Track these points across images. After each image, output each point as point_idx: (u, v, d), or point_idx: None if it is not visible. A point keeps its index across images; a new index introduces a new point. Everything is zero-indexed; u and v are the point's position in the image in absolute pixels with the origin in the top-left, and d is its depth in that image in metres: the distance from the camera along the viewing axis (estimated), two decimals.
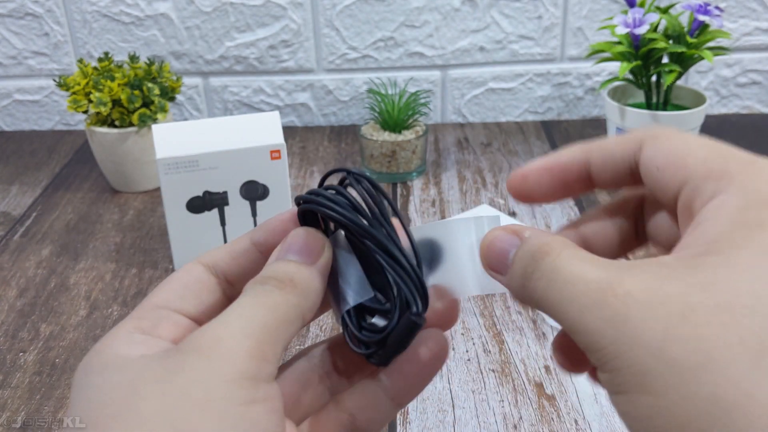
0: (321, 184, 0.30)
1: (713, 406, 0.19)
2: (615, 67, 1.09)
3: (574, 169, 0.29)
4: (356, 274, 0.29)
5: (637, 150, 0.27)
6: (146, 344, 0.25)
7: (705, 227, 0.23)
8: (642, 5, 0.87)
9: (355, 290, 0.29)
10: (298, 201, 0.30)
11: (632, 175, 0.27)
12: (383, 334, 0.27)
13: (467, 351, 0.65)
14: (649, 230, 0.29)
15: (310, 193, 0.29)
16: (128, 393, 0.23)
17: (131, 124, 0.90)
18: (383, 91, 0.96)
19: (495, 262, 0.27)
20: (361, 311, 0.29)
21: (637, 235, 0.30)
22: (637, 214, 0.30)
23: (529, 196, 0.30)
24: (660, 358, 0.21)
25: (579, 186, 0.29)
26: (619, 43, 0.87)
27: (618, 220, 0.30)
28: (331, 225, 0.30)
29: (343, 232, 0.30)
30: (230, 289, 0.30)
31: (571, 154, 0.29)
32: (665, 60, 0.88)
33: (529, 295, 0.25)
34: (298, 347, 0.66)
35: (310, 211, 0.29)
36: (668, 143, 0.26)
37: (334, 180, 0.30)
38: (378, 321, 0.29)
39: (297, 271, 0.28)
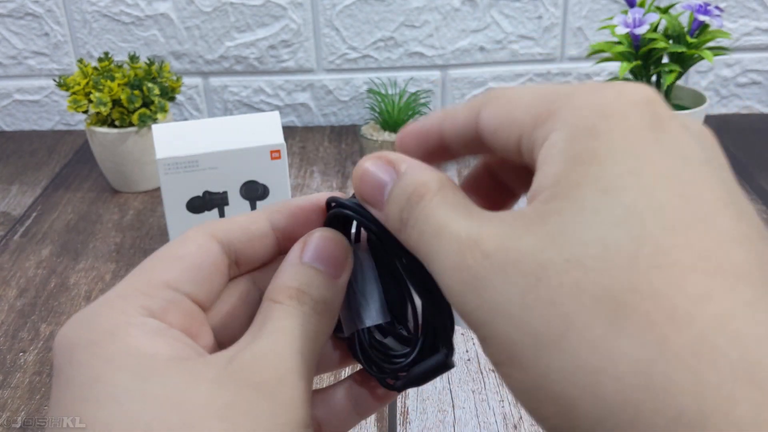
0: (328, 208, 0.28)
1: (579, 377, 0.18)
2: (615, 67, 1.09)
3: (434, 137, 0.26)
4: (377, 292, 0.28)
5: (475, 115, 0.25)
6: (165, 338, 0.23)
7: (544, 169, 0.21)
8: (642, 5, 0.87)
9: (375, 310, 0.28)
10: (331, 203, 0.28)
11: (482, 144, 0.25)
12: (405, 363, 0.27)
13: (467, 351, 0.65)
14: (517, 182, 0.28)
15: (342, 201, 0.27)
16: (178, 422, 0.21)
17: (131, 124, 0.91)
18: (383, 91, 0.96)
19: (370, 196, 0.25)
20: (374, 327, 0.28)
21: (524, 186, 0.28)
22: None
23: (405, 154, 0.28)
24: (522, 329, 0.19)
25: (441, 154, 0.27)
26: (619, 43, 0.87)
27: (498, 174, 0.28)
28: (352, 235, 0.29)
29: (366, 244, 0.28)
30: (235, 270, 0.28)
31: (432, 119, 0.26)
32: (665, 60, 0.88)
33: (405, 240, 0.24)
34: None
35: (337, 218, 0.28)
36: (498, 103, 0.24)
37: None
38: (392, 343, 0.28)
39: (327, 289, 0.26)
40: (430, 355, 0.26)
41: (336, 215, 0.27)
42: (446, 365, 0.26)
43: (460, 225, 0.22)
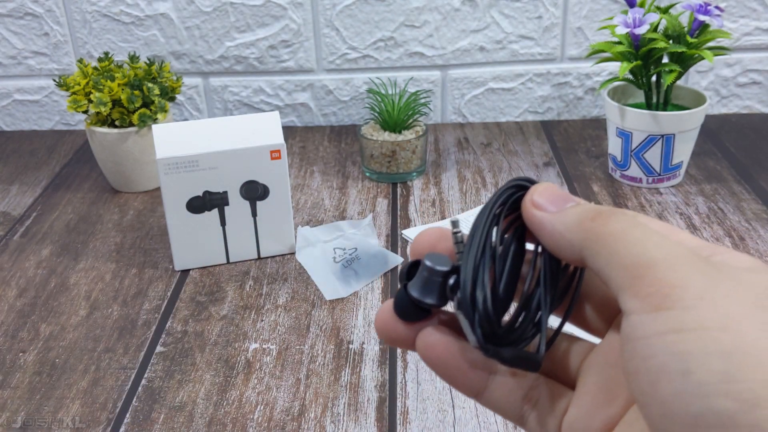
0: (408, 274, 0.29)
1: None
2: (615, 67, 1.09)
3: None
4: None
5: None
6: None
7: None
8: (642, 5, 0.87)
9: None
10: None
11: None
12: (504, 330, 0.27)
13: None
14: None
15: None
16: None
17: (131, 124, 0.90)
18: (383, 91, 0.96)
19: (551, 198, 0.27)
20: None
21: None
22: None
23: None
24: (747, 309, 0.22)
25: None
26: (619, 43, 0.87)
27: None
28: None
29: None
30: None
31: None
32: (665, 60, 0.88)
33: (592, 228, 0.25)
34: (298, 347, 0.66)
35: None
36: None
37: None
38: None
39: None
40: (523, 340, 0.27)
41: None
42: (536, 365, 0.27)
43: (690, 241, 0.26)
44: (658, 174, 0.90)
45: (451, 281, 0.28)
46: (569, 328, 0.29)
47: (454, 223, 0.29)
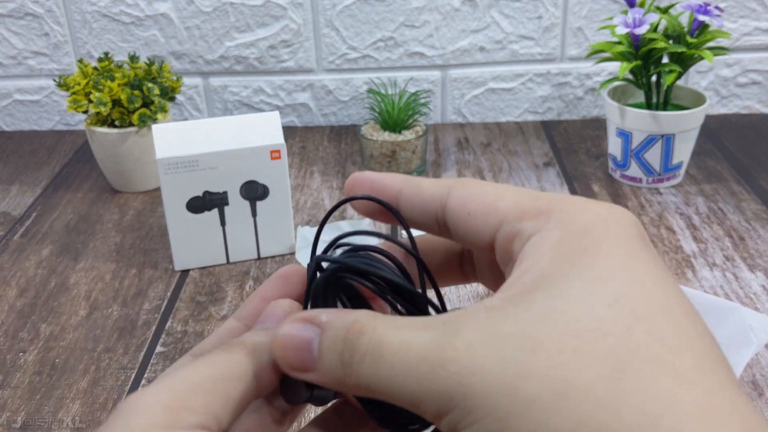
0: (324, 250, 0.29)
1: None
2: (615, 67, 1.09)
3: (387, 194, 0.28)
4: None
5: (444, 195, 0.26)
6: None
7: (528, 264, 0.23)
8: (642, 5, 0.87)
9: None
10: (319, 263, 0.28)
11: (437, 221, 0.27)
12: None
13: None
14: (476, 270, 0.29)
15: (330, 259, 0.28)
16: None
17: (131, 124, 0.91)
18: (383, 91, 0.96)
19: (297, 361, 0.24)
20: None
21: (463, 272, 0.30)
22: (459, 254, 0.30)
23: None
24: (516, 398, 0.20)
25: (385, 214, 0.28)
26: (619, 43, 0.87)
27: (441, 254, 0.30)
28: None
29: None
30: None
31: (392, 179, 0.28)
32: (665, 60, 0.88)
33: (353, 384, 0.23)
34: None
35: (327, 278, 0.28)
36: (476, 189, 0.26)
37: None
38: None
39: (249, 334, 0.27)
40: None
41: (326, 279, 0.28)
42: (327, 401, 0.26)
43: (425, 334, 0.22)
44: (658, 174, 0.90)
45: None
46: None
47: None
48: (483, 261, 0.29)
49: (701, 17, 0.84)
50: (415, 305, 0.26)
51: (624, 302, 0.21)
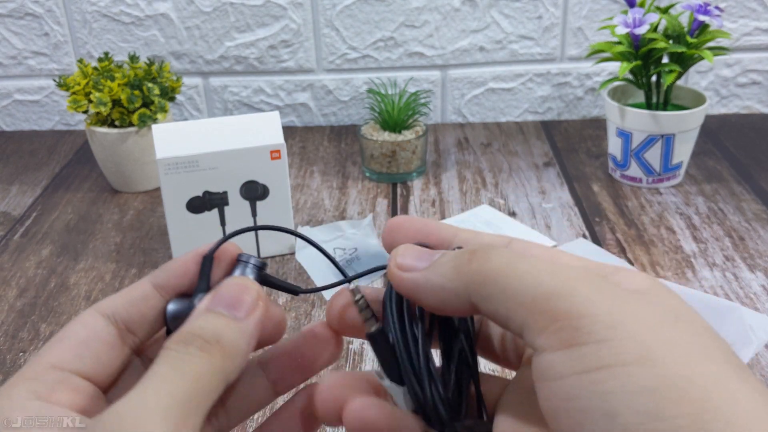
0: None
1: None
2: (615, 67, 1.09)
3: (438, 238, 0.29)
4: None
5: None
6: (46, 419, 0.24)
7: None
8: (642, 5, 0.87)
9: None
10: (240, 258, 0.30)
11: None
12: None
13: None
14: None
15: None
16: None
17: (131, 124, 0.90)
18: (383, 91, 0.96)
19: (415, 255, 0.26)
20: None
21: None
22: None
23: (392, 241, 0.30)
24: (661, 335, 0.21)
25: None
26: (619, 43, 0.87)
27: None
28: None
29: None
30: (133, 339, 0.28)
31: (444, 226, 0.29)
32: (665, 60, 0.88)
33: (473, 270, 0.24)
34: None
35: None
36: (530, 249, 0.27)
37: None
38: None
39: (225, 328, 0.26)
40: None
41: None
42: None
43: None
44: (658, 174, 0.90)
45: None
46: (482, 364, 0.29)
47: (354, 291, 0.28)
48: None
49: (701, 17, 0.84)
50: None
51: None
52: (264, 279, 0.30)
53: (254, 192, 0.76)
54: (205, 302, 0.27)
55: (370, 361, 0.64)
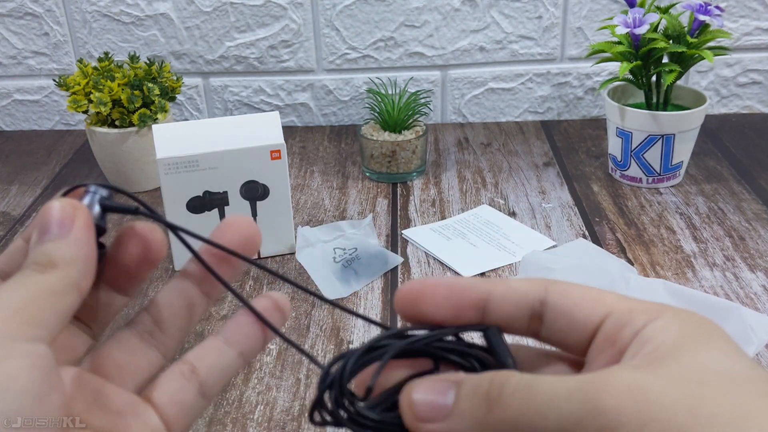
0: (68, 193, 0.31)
1: None
2: (615, 67, 1.09)
3: (473, 295, 0.28)
4: None
5: (541, 289, 0.28)
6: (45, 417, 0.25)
7: (658, 341, 0.25)
8: (642, 5, 0.87)
9: None
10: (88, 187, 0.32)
11: (530, 317, 0.28)
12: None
13: None
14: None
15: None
16: None
17: (131, 124, 0.90)
18: (383, 91, 0.96)
19: (428, 411, 0.26)
20: None
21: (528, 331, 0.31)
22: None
23: (416, 311, 0.29)
24: (695, 415, 0.23)
25: (469, 313, 0.28)
26: (619, 43, 0.87)
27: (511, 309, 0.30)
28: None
29: None
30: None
31: (474, 281, 0.29)
32: (665, 60, 0.88)
33: (497, 418, 0.24)
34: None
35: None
36: (576, 287, 0.28)
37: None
38: None
39: (54, 248, 0.28)
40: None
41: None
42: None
43: (572, 379, 0.24)
44: (658, 174, 0.90)
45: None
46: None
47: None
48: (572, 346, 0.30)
49: (701, 17, 0.83)
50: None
51: (753, 372, 0.24)
52: (105, 205, 0.33)
53: (254, 192, 0.76)
54: (33, 237, 0.29)
55: None
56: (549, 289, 0.28)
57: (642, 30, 0.83)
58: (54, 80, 0.93)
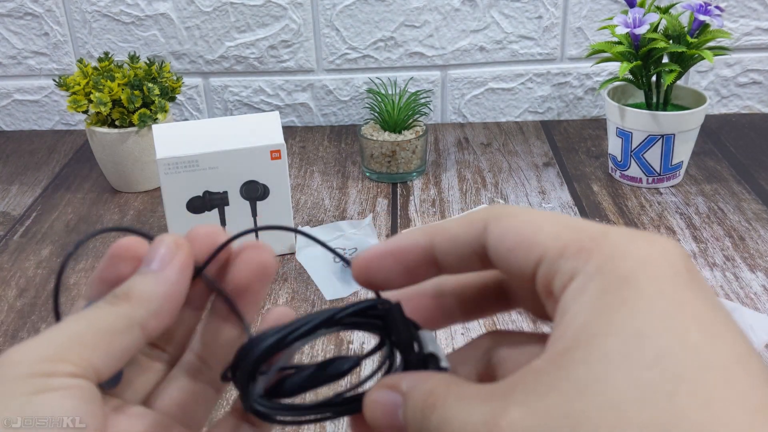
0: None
1: None
2: (615, 67, 1.09)
3: (418, 253, 0.27)
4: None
5: (481, 232, 0.25)
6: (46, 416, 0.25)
7: (569, 317, 0.22)
8: (642, 5, 0.87)
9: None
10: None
11: (480, 259, 0.26)
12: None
13: None
14: (517, 301, 0.29)
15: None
16: None
17: (131, 124, 0.90)
18: (383, 91, 0.96)
19: (387, 424, 0.25)
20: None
21: (507, 299, 0.29)
22: (502, 284, 0.29)
23: (372, 283, 0.28)
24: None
25: (424, 271, 0.27)
26: (619, 43, 0.87)
27: (481, 283, 0.29)
28: None
29: None
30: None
31: (413, 237, 0.27)
32: (665, 60, 0.88)
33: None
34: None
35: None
36: (515, 222, 0.24)
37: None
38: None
39: (138, 281, 0.27)
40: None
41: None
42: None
43: (477, 412, 0.22)
44: (658, 174, 0.90)
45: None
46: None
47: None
48: (525, 291, 0.28)
49: (701, 17, 0.83)
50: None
51: (666, 362, 0.19)
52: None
53: (254, 192, 0.76)
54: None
55: (370, 361, 0.64)
56: (488, 229, 0.25)
57: (642, 30, 0.83)
58: (54, 80, 0.93)
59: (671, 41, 0.86)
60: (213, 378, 0.31)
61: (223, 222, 0.77)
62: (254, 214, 0.77)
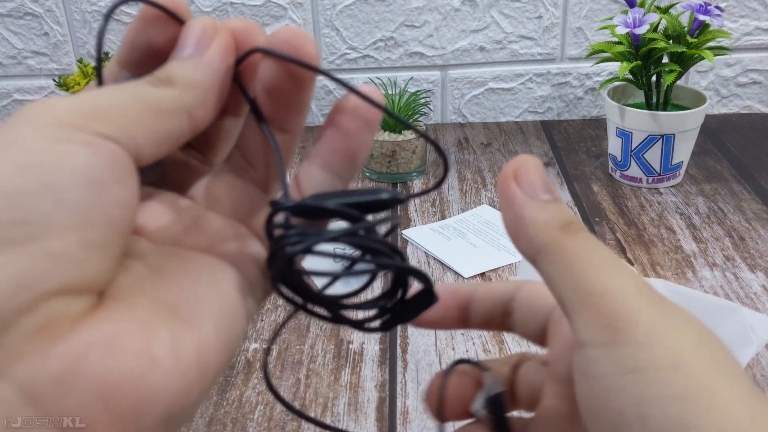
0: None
1: None
2: (615, 67, 1.09)
3: (460, 298, 0.32)
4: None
5: (514, 288, 0.31)
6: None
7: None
8: (642, 5, 0.87)
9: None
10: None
11: (503, 311, 0.31)
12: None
13: (467, 351, 0.65)
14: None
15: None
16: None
17: None
18: (383, 91, 0.96)
19: (531, 178, 0.26)
20: None
21: (503, 324, 0.33)
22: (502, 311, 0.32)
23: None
24: (692, 348, 0.23)
25: (454, 313, 0.32)
26: (619, 43, 0.87)
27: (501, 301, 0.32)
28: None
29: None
30: None
31: (459, 285, 0.32)
32: (665, 60, 0.88)
33: (557, 239, 0.25)
34: (298, 347, 0.66)
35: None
36: (542, 285, 0.29)
37: None
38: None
39: (179, 67, 0.24)
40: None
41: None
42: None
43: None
44: (658, 174, 0.90)
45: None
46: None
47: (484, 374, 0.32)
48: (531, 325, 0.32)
49: (701, 17, 0.83)
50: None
51: None
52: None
53: None
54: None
55: (370, 361, 0.64)
56: (520, 287, 0.31)
57: (642, 30, 0.83)
58: (54, 80, 0.93)
59: (671, 41, 0.86)
60: (257, 177, 0.28)
61: None
62: None
